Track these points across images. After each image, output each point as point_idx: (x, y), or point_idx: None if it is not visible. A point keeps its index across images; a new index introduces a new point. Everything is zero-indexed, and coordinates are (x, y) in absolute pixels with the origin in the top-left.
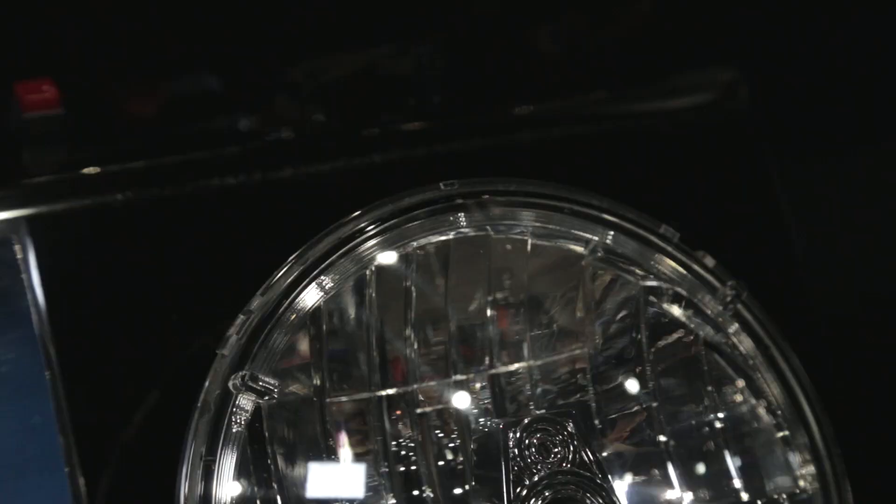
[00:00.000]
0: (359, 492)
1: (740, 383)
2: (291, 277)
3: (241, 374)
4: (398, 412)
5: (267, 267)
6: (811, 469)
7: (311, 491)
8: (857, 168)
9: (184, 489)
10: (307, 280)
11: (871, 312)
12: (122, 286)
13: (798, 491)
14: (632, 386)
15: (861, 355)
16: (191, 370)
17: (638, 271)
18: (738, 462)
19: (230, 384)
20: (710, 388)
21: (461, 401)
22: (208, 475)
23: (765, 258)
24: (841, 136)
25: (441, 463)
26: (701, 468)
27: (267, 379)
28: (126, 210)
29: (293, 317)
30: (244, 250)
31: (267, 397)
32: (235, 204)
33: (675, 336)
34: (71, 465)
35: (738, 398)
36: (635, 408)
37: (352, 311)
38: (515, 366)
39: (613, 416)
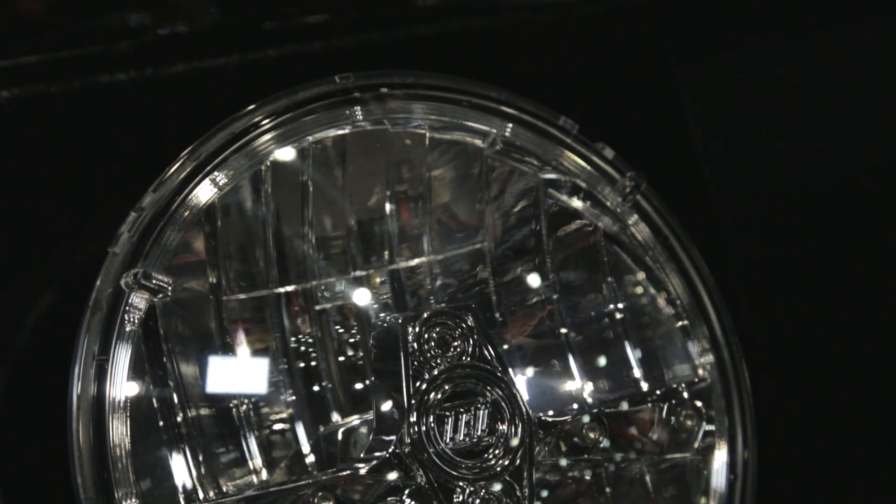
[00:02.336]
0: (258, 388)
1: (640, 275)
2: (184, 173)
3: (133, 272)
4: (297, 309)
5: (159, 164)
6: (710, 358)
7: (210, 388)
8: (757, 61)
9: (76, 389)
10: (200, 176)
11: (768, 204)
12: (11, 186)
13: (697, 380)
14: (532, 278)
15: (758, 246)
16: (83, 270)
17: (537, 163)
18: (639, 353)
19: (122, 282)
20: (610, 279)
21: (361, 297)
22: (101, 375)
23: (664, 150)
24: (738, 30)
25: (341, 359)
26: (601, 359)
27: (160, 277)
28: (13, 107)
29: (186, 213)
30: (136, 147)
31: (161, 295)
32: (126, 100)
33: (575, 226)
34: None
35: (639, 290)
36: (535, 300)
37: (247, 208)
38: (416, 261)
39: (514, 308)
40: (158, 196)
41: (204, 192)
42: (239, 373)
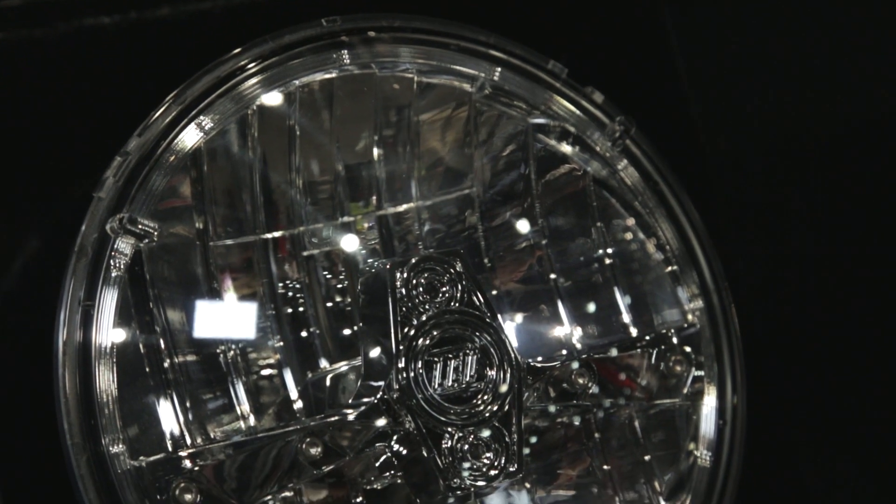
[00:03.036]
0: (245, 333)
1: (630, 221)
2: (169, 118)
3: (118, 217)
4: (284, 254)
5: (144, 108)
6: (699, 304)
7: (197, 333)
8: (749, 2)
9: (62, 335)
10: (186, 120)
11: (759, 148)
12: None
13: (686, 325)
14: (520, 223)
15: (749, 190)
16: (68, 215)
17: (525, 108)
18: (628, 299)
19: (108, 227)
20: (599, 224)
21: (348, 242)
22: (87, 321)
23: (654, 95)
24: None
25: (329, 304)
26: (590, 305)
27: (146, 221)
28: None
29: (172, 158)
30: (120, 91)
31: (147, 240)
32: (110, 44)
33: (563, 171)
34: None
35: (628, 236)
36: (524, 245)
37: (234, 152)
38: (404, 206)
39: (503, 253)
40: (143, 140)
41: (190, 137)
42: (226, 318)
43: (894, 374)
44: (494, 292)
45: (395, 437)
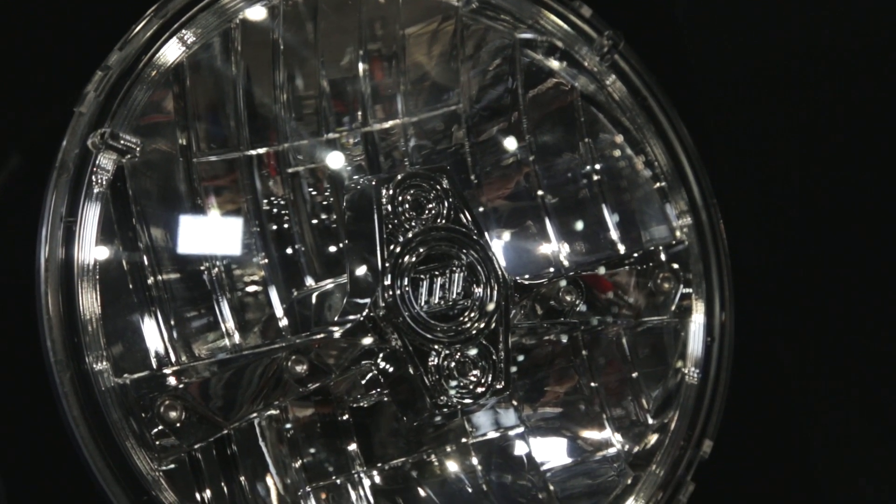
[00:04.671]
0: (229, 249)
1: (618, 138)
2: (151, 31)
3: (100, 131)
4: (269, 171)
5: (125, 21)
6: (688, 221)
7: (180, 249)
8: None
9: (43, 253)
10: (168, 34)
11: (750, 63)
12: None
13: (675, 242)
14: (507, 138)
15: (739, 106)
16: (49, 130)
17: (512, 22)
18: (616, 216)
19: (89, 142)
20: (587, 140)
21: (334, 159)
22: (69, 237)
23: (643, 9)
24: None
25: (314, 221)
26: (578, 221)
27: (128, 137)
28: None
29: (154, 73)
30: (101, 4)
31: (129, 156)
32: None
33: (551, 85)
34: None
35: (616, 153)
36: (511, 161)
37: (217, 67)
38: (389, 123)
39: (489, 170)
40: (125, 55)
41: (171, 51)
42: (210, 234)
43: (882, 293)
44: (481, 209)
45: (381, 355)
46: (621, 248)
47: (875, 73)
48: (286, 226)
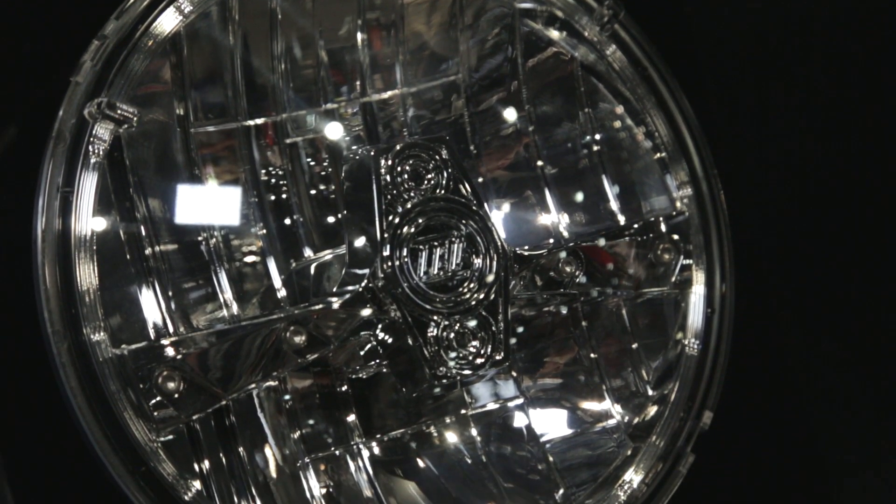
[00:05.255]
0: (227, 219)
1: (619, 108)
2: (147, 0)
3: (97, 101)
4: (267, 141)
5: None
6: (688, 191)
7: (178, 219)
8: None
9: (40, 223)
10: (164, 3)
11: (751, 33)
12: None
13: (675, 213)
14: (507, 107)
15: (740, 77)
16: (45, 100)
17: None
18: (615, 186)
19: (86, 112)
20: (587, 110)
21: (332, 130)
22: (66, 208)
23: None
24: None
25: (313, 192)
26: (577, 192)
27: (125, 107)
28: None
29: (150, 42)
30: None
31: (126, 126)
32: None
33: (550, 55)
34: None
35: (617, 124)
36: (511, 131)
37: (214, 37)
38: (388, 93)
39: (489, 139)
40: (121, 24)
41: (168, 20)
42: (208, 204)
43: (883, 264)
44: (480, 179)
45: (380, 326)
46: (621, 219)
47: (876, 44)
48: (284, 196)
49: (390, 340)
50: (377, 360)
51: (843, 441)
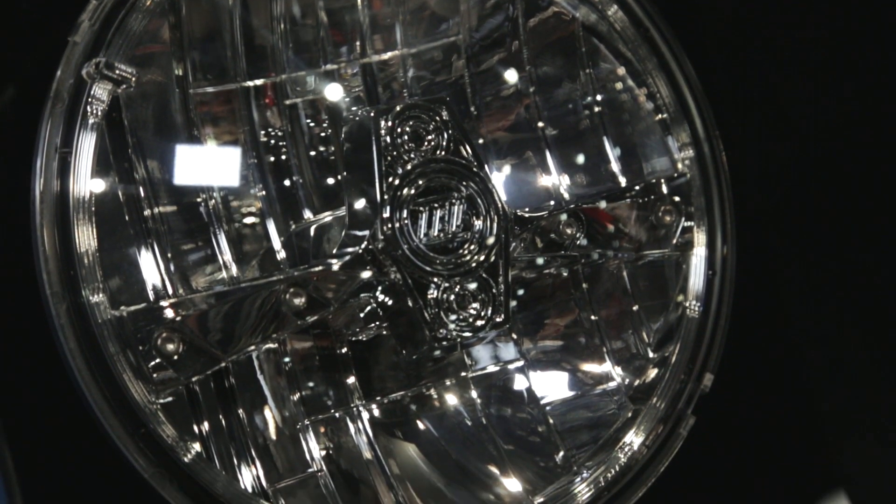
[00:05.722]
0: (226, 180)
1: (620, 70)
2: None
3: (95, 61)
4: (266, 102)
5: None
6: (690, 153)
7: (177, 180)
8: None
9: (38, 185)
10: None
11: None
12: None
13: (676, 175)
14: (507, 69)
15: (741, 38)
16: (43, 60)
17: None
18: (617, 147)
19: (84, 72)
20: (588, 71)
21: (332, 91)
22: (65, 169)
23: None
24: None
25: (312, 153)
26: (578, 153)
27: (123, 67)
28: None
29: (149, 1)
30: None
31: (124, 86)
32: None
33: (551, 13)
34: None
35: (618, 85)
36: (511, 92)
37: None
38: (388, 54)
39: (489, 100)
40: None
41: None
42: (207, 165)
43: (886, 225)
44: (481, 141)
45: (380, 288)
46: (622, 181)
47: (882, 7)
48: (284, 157)
49: (390, 302)
50: (377, 323)
51: (844, 403)
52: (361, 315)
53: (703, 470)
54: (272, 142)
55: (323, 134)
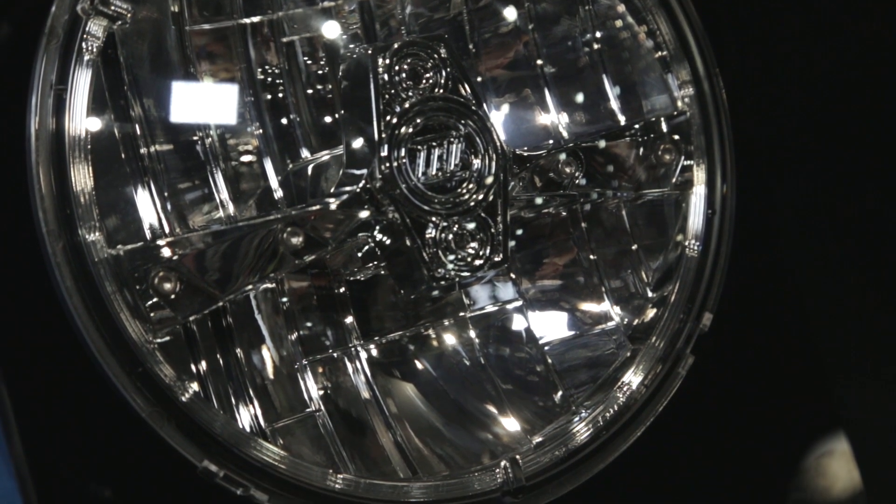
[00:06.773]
0: (223, 118)
1: (620, 7)
2: None
3: None
4: (263, 39)
5: None
6: (690, 91)
7: (173, 118)
8: None
9: (34, 123)
10: None
11: None
12: None
13: (676, 113)
14: (506, 5)
15: None
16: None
17: None
18: (616, 85)
19: (79, 8)
20: (587, 7)
21: (329, 28)
22: (60, 106)
23: None
24: None
25: (310, 91)
26: (577, 91)
27: (118, 3)
28: None
29: None
30: None
31: (119, 22)
32: None
33: None
34: None
35: (618, 22)
36: (510, 28)
37: None
38: None
39: (488, 37)
40: None
41: None
42: (203, 102)
43: (884, 163)
44: (479, 79)
45: (377, 228)
46: (621, 119)
47: None
48: (281, 95)
49: (388, 242)
50: (375, 262)
51: (843, 342)
52: (359, 255)
53: (701, 410)
54: (269, 80)
55: (320, 72)
